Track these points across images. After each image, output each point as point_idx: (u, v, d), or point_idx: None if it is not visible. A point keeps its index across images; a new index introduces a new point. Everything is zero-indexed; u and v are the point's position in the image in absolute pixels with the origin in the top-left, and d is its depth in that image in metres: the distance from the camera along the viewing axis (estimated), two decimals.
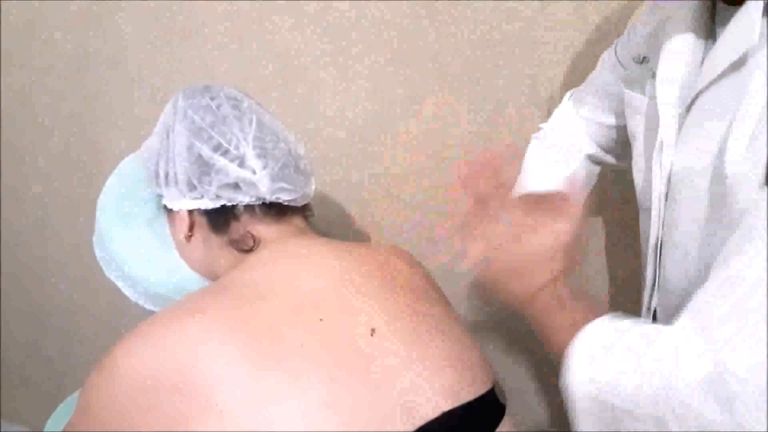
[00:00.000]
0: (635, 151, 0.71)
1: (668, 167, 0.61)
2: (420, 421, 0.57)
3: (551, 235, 0.57)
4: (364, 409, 0.55)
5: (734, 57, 0.52)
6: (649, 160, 0.66)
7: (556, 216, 0.57)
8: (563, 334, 0.53)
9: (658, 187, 0.64)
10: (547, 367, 1.18)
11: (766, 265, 0.42)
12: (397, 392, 0.57)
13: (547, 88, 0.99)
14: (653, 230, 0.66)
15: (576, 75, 0.92)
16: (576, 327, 0.52)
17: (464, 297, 1.14)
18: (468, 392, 0.62)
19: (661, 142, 0.62)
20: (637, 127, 0.70)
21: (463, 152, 1.06)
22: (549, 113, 0.90)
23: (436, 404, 0.59)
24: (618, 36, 0.83)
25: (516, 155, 0.67)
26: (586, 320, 0.52)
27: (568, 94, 0.89)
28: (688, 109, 0.59)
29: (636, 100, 0.70)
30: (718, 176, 0.53)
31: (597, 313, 0.53)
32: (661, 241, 0.65)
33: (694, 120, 0.58)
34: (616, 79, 0.78)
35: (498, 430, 0.63)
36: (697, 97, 0.57)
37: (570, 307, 0.55)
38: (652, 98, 0.65)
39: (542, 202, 0.60)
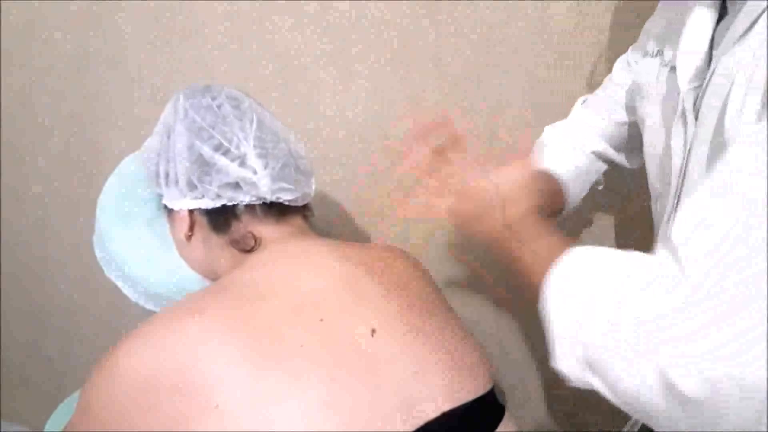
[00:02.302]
0: (647, 137, 0.70)
1: (690, 140, 0.61)
2: (420, 422, 0.57)
3: (514, 171, 0.60)
4: (364, 409, 0.55)
5: (746, 24, 0.53)
6: (667, 138, 0.65)
7: (514, 159, 0.61)
8: (539, 263, 0.52)
9: (678, 162, 0.62)
10: (547, 367, 1.17)
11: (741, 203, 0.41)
12: (397, 392, 0.57)
13: (547, 88, 0.99)
14: (668, 209, 0.65)
15: (576, 76, 0.92)
16: (552, 256, 0.52)
17: (464, 296, 1.14)
18: (468, 393, 0.62)
19: (684, 113, 0.61)
20: (647, 109, 0.70)
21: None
22: (548, 114, 0.90)
23: (436, 404, 0.59)
24: (617, 35, 0.83)
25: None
26: (562, 249, 0.52)
27: (580, 99, 0.89)
28: (708, 82, 0.58)
29: (647, 85, 0.70)
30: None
31: (571, 245, 0.53)
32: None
33: (713, 91, 0.58)
34: (628, 76, 0.79)
35: (498, 430, 0.63)
36: (716, 68, 0.57)
37: (543, 236, 0.56)
38: (670, 81, 0.65)
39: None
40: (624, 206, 1.05)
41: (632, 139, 0.84)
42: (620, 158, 0.87)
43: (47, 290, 1.30)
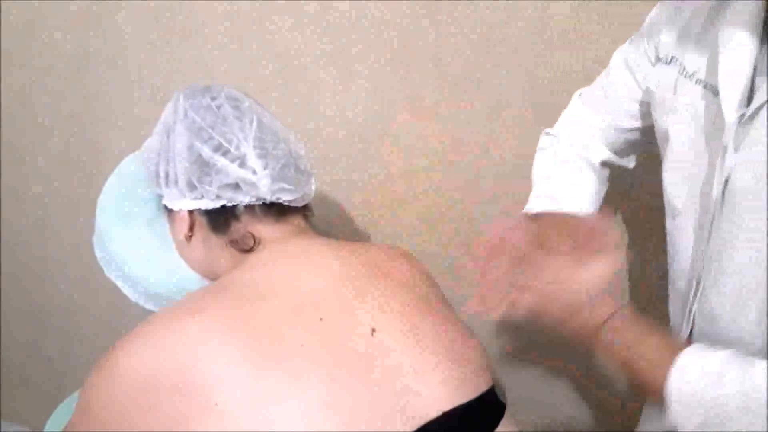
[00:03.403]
0: (670, 154, 0.69)
1: (728, 172, 0.60)
2: (420, 421, 0.57)
3: (602, 268, 0.58)
4: (364, 409, 0.55)
5: None
6: (696, 163, 0.64)
7: (600, 250, 0.58)
8: (651, 371, 0.55)
9: (715, 193, 0.61)
10: (547, 368, 1.18)
11: None
12: (397, 392, 0.57)
13: (547, 88, 0.99)
14: (701, 237, 0.64)
15: (576, 76, 0.92)
16: (657, 359, 0.54)
17: (464, 295, 1.14)
18: (468, 392, 0.62)
19: (725, 147, 0.60)
20: (673, 127, 0.68)
21: (461, 153, 1.06)
22: (548, 114, 0.90)
23: (436, 404, 0.59)
24: (617, 35, 0.83)
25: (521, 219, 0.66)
26: (663, 349, 0.54)
27: (576, 95, 0.87)
28: (754, 114, 0.57)
29: (668, 99, 0.68)
30: None
31: (670, 341, 0.55)
32: (709, 245, 0.63)
33: (761, 126, 0.56)
34: (633, 80, 0.77)
35: (498, 430, 0.63)
36: (764, 104, 0.56)
37: (644, 336, 0.57)
38: (706, 102, 0.63)
39: (579, 239, 0.62)
40: (622, 205, 1.05)
41: (636, 143, 0.82)
42: (623, 162, 0.86)
43: (47, 290, 1.30)
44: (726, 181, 0.60)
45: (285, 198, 0.70)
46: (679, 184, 0.68)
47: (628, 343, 0.57)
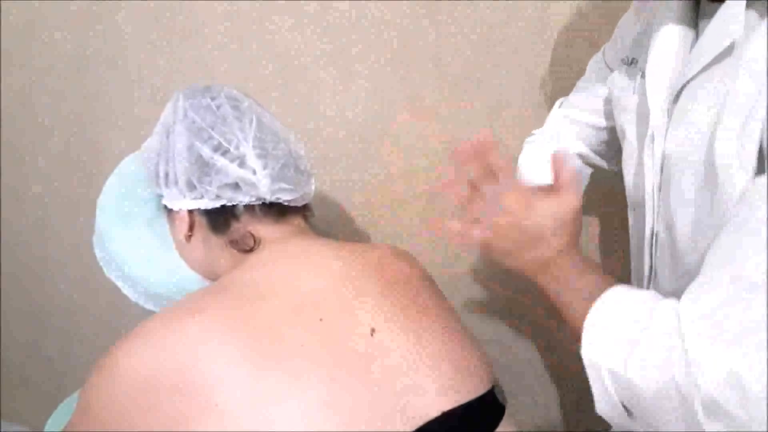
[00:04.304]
0: (625, 149, 0.71)
1: (660, 158, 0.62)
2: (420, 421, 0.57)
3: (557, 204, 0.57)
4: (364, 409, 0.55)
5: (719, 48, 0.54)
6: (640, 154, 0.66)
7: (558, 187, 0.58)
8: (579, 304, 0.54)
9: (651, 179, 0.64)
10: (547, 368, 1.18)
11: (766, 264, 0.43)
12: (397, 392, 0.57)
13: (547, 88, 0.99)
14: (648, 223, 0.66)
15: (576, 76, 0.92)
16: (591, 298, 0.53)
17: (464, 296, 1.14)
18: (468, 392, 0.62)
19: (653, 133, 0.62)
20: (626, 124, 0.70)
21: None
22: (548, 114, 0.90)
23: (436, 404, 0.59)
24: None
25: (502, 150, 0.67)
26: (599, 290, 0.53)
27: (558, 102, 0.90)
28: (676, 99, 0.59)
29: (624, 98, 0.70)
30: (709, 164, 0.53)
31: (607, 281, 0.54)
32: (656, 233, 0.65)
33: (682, 109, 0.58)
34: (604, 82, 0.79)
35: (498, 430, 0.63)
36: (684, 86, 0.58)
37: (582, 275, 0.56)
38: (642, 95, 0.66)
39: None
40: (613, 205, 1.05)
41: (611, 143, 0.84)
42: (600, 161, 0.87)
43: (47, 290, 1.30)
44: (662, 169, 0.62)
45: (285, 198, 0.70)
46: (632, 176, 0.70)
47: (566, 280, 0.57)
